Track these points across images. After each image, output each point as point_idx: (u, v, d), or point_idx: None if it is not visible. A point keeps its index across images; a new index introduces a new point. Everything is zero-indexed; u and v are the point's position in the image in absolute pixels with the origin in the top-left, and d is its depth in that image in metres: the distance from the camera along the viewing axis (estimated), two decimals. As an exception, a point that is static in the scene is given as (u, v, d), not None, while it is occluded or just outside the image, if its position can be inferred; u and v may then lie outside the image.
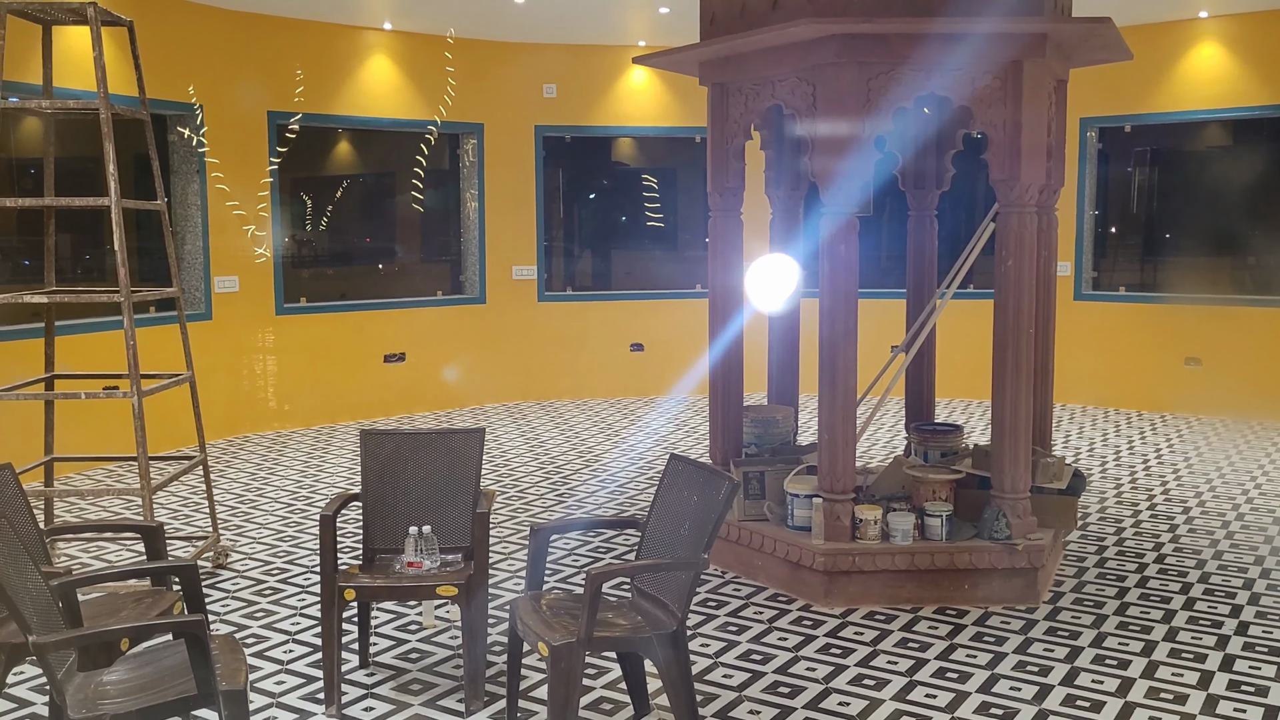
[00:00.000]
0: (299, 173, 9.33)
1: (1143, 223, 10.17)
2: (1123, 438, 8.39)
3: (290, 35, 8.70)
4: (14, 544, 2.84)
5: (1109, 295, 9.70)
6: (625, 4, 8.57)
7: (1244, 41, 8.87)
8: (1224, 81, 8.98)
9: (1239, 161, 9.68)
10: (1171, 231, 10.06)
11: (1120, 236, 10.16)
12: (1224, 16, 8.88)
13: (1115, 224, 10.10)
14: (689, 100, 10.07)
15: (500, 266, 10.04)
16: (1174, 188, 10.03)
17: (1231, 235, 9.66)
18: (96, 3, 4.58)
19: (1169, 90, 9.21)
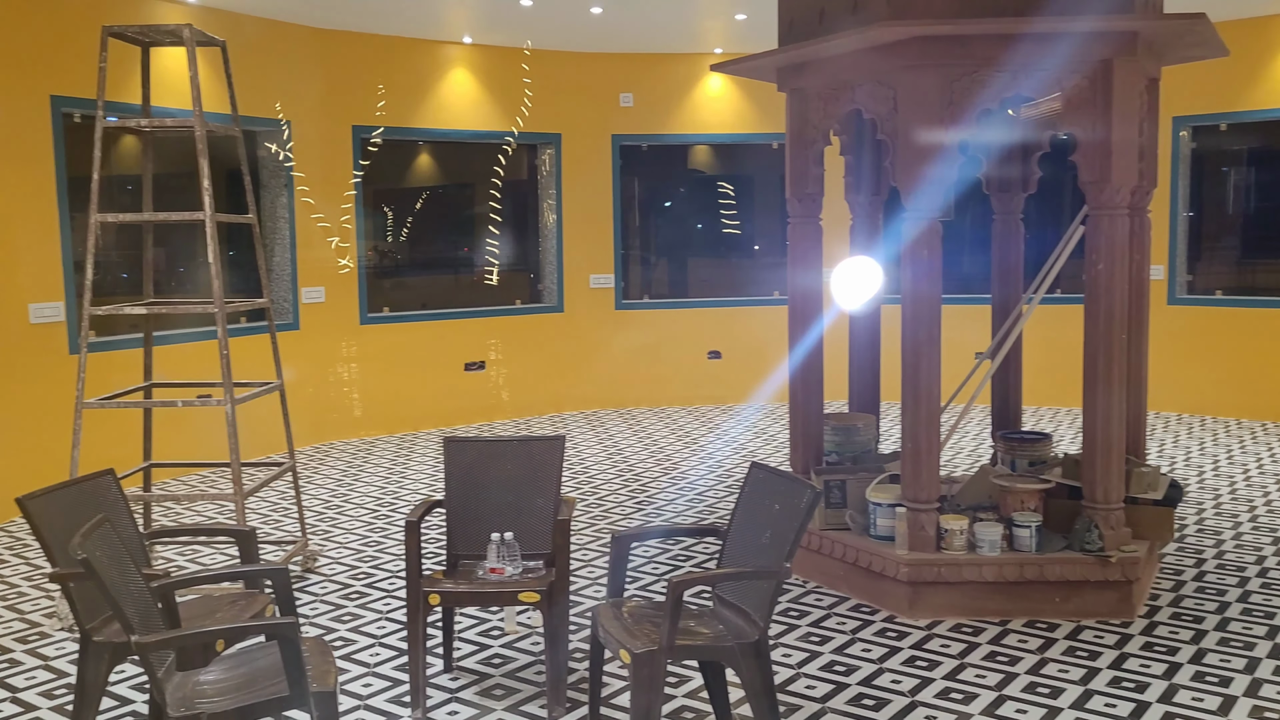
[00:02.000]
0: (380, 185, 9.51)
1: (1239, 224, 9.83)
2: (1221, 447, 8.11)
3: (373, 51, 8.89)
4: (117, 547, 2.94)
5: (1205, 299, 9.40)
6: (702, 12, 8.57)
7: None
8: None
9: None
10: (1269, 233, 9.71)
11: (1216, 238, 9.83)
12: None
13: (1210, 226, 9.78)
14: (766, 107, 10.03)
15: (578, 275, 10.11)
16: (1272, 187, 9.67)
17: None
18: (192, 24, 4.73)
19: (1266, 87, 8.89)
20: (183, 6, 7.58)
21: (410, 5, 8.07)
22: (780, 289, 10.19)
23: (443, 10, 8.41)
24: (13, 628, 4.67)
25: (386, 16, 8.39)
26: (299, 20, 8.37)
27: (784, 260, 6.62)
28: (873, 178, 5.94)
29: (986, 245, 6.23)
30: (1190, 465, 7.53)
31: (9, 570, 5.52)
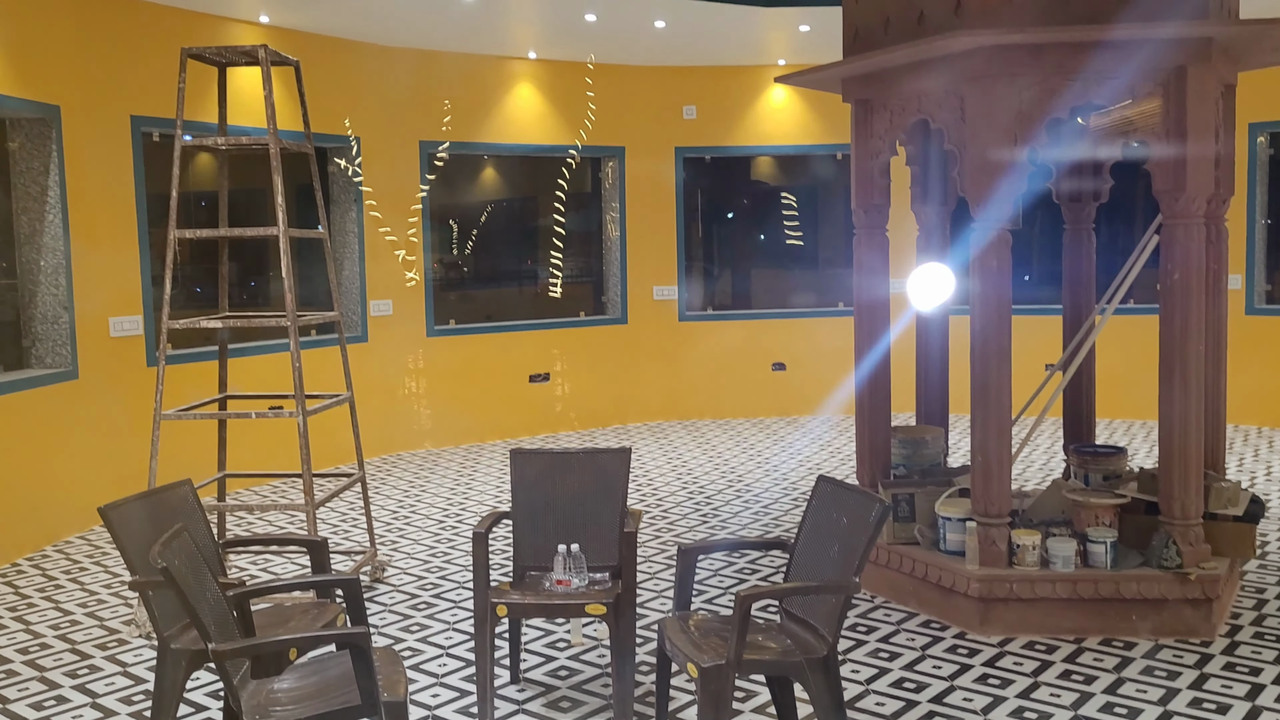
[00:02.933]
0: (446, 198, 9.64)
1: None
2: (1302, 461, 7.86)
3: (440, 67, 9.02)
4: (195, 556, 3.01)
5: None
6: (765, 24, 8.56)
7: None
8: None
9: None
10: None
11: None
12: None
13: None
14: (829, 117, 9.98)
15: (641, 287, 10.14)
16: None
17: None
18: (267, 45, 4.85)
19: (1349, 90, 8.63)
20: (256, 27, 7.77)
21: (477, 23, 8.18)
22: (845, 300, 10.12)
23: (509, 27, 8.52)
24: (93, 634, 4.80)
25: (454, 34, 8.52)
26: (368, 39, 8.53)
27: (848, 271, 6.58)
28: (940, 188, 5.87)
29: (1057, 254, 6.12)
30: (1272, 480, 7.30)
31: (89, 578, 5.68)
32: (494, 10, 7.90)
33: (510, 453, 4.16)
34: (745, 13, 8.19)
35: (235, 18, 7.58)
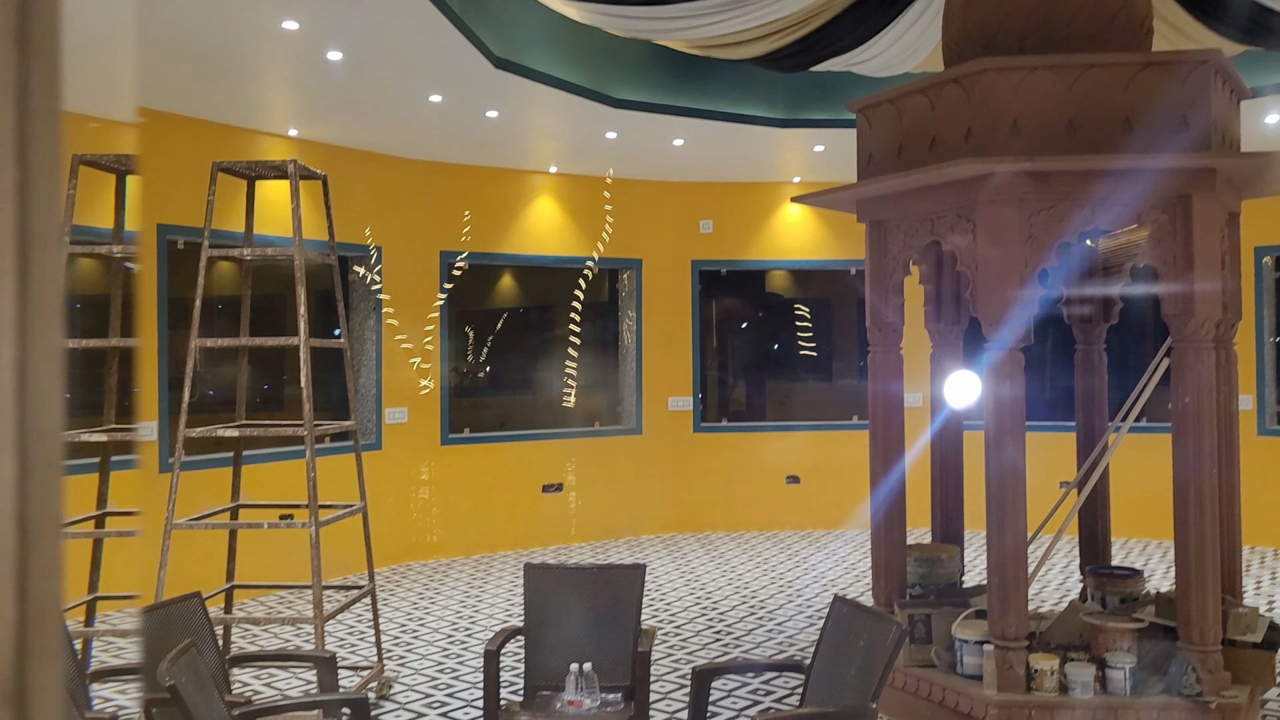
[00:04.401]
0: (463, 306, 9.79)
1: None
2: (1325, 584, 7.73)
3: (462, 180, 9.26)
4: (202, 673, 2.99)
5: (1299, 429, 9.10)
6: (780, 144, 8.80)
7: None
8: None
9: None
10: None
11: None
12: None
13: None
14: (843, 233, 10.16)
15: (657, 397, 10.19)
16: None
17: None
18: (296, 160, 5.01)
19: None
20: (285, 140, 8.02)
21: (501, 139, 8.44)
22: (860, 413, 10.13)
23: (532, 144, 8.78)
24: (95, 746, 4.72)
25: (477, 149, 8.77)
26: (392, 152, 8.78)
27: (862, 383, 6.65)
28: (953, 307, 5.95)
29: (1068, 369, 6.16)
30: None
31: (94, 688, 5.60)
32: (519, 128, 8.16)
33: (524, 567, 4.15)
34: (761, 133, 8.44)
35: (265, 130, 7.84)
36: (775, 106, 8.41)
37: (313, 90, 7.06)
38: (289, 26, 5.62)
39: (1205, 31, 6.41)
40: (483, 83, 6.82)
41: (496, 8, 6.59)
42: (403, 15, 5.56)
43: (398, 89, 7.05)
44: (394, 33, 5.89)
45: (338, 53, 6.13)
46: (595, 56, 7.47)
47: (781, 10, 6.43)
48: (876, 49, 7.07)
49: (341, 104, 7.35)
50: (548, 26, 6.97)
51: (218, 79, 6.61)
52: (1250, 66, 7.29)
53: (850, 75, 7.87)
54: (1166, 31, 6.45)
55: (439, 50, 6.17)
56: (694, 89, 8.05)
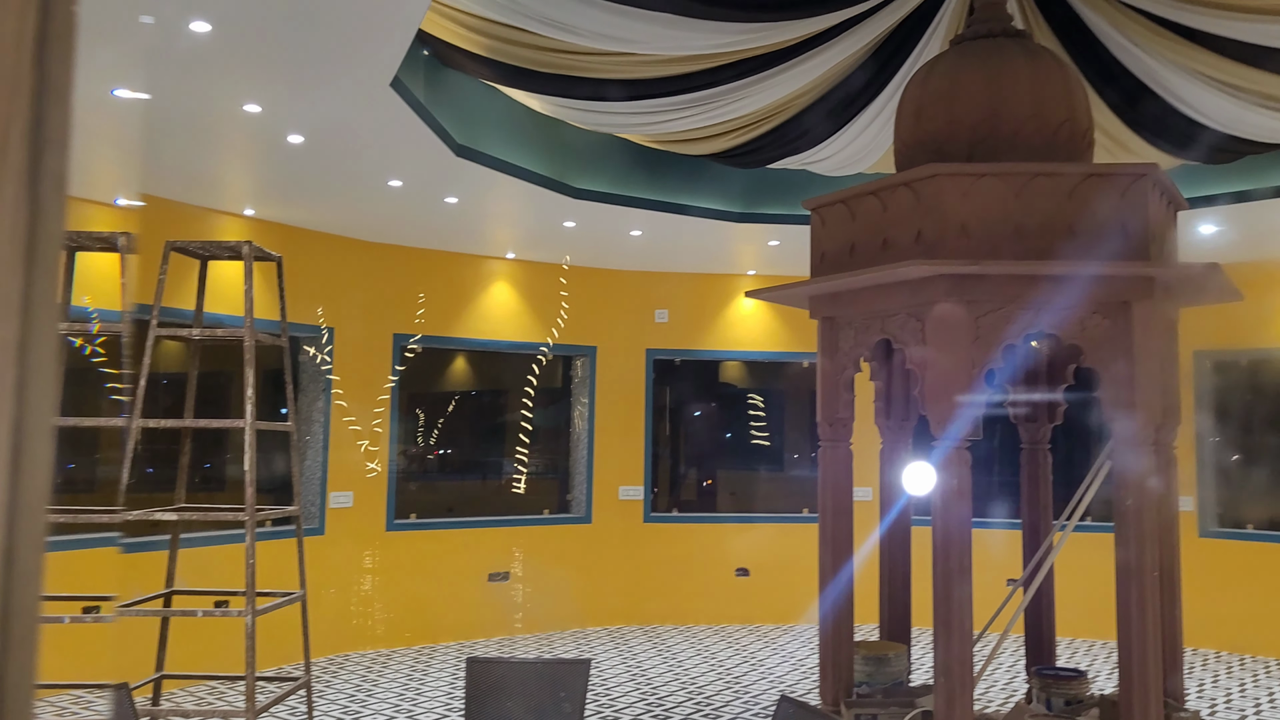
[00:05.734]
0: (414, 389, 9.72)
1: (1266, 457, 9.78)
2: (1262, 688, 7.76)
3: (418, 263, 9.28)
4: (126, 769, 2.86)
5: (1236, 532, 9.24)
6: (737, 237, 8.95)
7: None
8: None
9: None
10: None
11: (1244, 471, 9.76)
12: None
13: (1237, 459, 9.73)
14: (796, 326, 10.29)
15: (607, 485, 10.12)
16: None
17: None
18: (252, 242, 5.00)
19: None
20: (240, 219, 8.00)
21: (460, 225, 8.49)
22: (811, 505, 10.14)
23: (490, 230, 8.84)
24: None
25: (435, 234, 8.82)
26: (349, 234, 8.80)
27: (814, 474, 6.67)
28: (902, 404, 6.02)
29: (1015, 465, 6.23)
30: (1232, 708, 7.19)
31: (8, 779, 5.33)
32: (478, 214, 8.22)
33: (467, 661, 4.05)
34: (718, 226, 8.58)
35: (221, 209, 7.82)
36: (732, 201, 8.57)
37: (272, 172, 7.08)
38: (251, 109, 5.65)
39: (1144, 145, 6.67)
40: (443, 169, 6.89)
41: (460, 96, 6.70)
42: (366, 102, 5.62)
43: (358, 173, 7.09)
44: (356, 118, 5.94)
45: (299, 136, 6.17)
46: (556, 146, 7.59)
47: (740, 109, 6.60)
48: (831, 149, 7.28)
49: (300, 186, 7.37)
50: (510, 116, 7.08)
51: (175, 158, 6.60)
52: (1186, 179, 7.58)
53: (806, 173, 8.08)
54: (1108, 144, 6.71)
55: (401, 137, 6.23)
56: (653, 181, 8.19)
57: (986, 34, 5.10)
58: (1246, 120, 6.07)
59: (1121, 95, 6.05)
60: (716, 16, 5.22)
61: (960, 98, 5.02)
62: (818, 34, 5.71)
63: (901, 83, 6.25)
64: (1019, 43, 5.04)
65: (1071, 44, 5.70)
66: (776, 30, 5.53)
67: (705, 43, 5.49)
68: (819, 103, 6.66)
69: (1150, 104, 6.12)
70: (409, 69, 5.72)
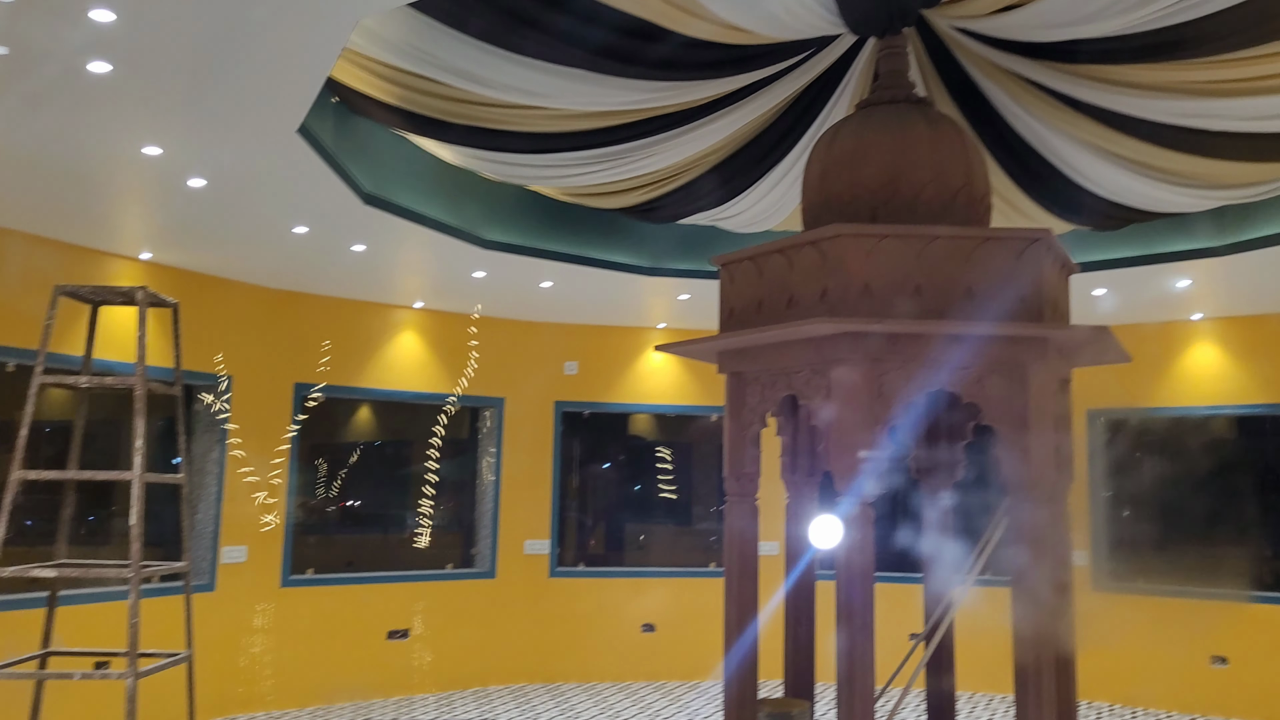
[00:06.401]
0: (316, 439, 9.48)
1: (1156, 513, 10.12)
2: (1157, 740, 7.96)
3: (323, 311, 9.10)
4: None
5: (1128, 587, 9.51)
6: (647, 291, 8.99)
7: (1238, 343, 9.17)
8: (1222, 380, 9.21)
9: (1245, 456, 9.76)
10: (1185, 524, 9.99)
11: (1135, 528, 10.09)
12: (1217, 319, 9.23)
13: (1129, 516, 10.06)
14: (705, 380, 10.35)
15: (513, 540, 9.97)
16: (1183, 479, 10.06)
17: (1245, 529, 9.59)
18: (146, 287, 4.83)
19: (1172, 385, 9.43)
20: (135, 263, 7.75)
21: (367, 273, 8.36)
22: (717, 560, 10.14)
23: (398, 279, 8.73)
24: None
25: (341, 281, 8.67)
26: (251, 280, 8.59)
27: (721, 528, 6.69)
28: (808, 459, 6.06)
29: (919, 520, 6.31)
30: (1130, 760, 7.34)
31: None
32: (385, 263, 8.11)
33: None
34: (629, 279, 8.61)
35: (116, 253, 7.57)
36: (643, 255, 8.63)
37: (171, 216, 6.89)
38: (150, 152, 5.50)
39: (1038, 210, 6.92)
40: (351, 217, 6.80)
41: (370, 144, 6.63)
42: (271, 147, 5.52)
43: (261, 218, 6.94)
44: (261, 163, 5.83)
45: (200, 180, 6.02)
46: (467, 197, 7.55)
47: (651, 165, 6.66)
48: (740, 206, 7.38)
49: (200, 230, 7.18)
50: (421, 165, 7.03)
51: (68, 198, 6.38)
52: (1078, 244, 7.90)
53: (716, 229, 8.18)
54: (1005, 208, 6.95)
55: (307, 183, 6.13)
56: (564, 233, 8.20)
57: (890, 100, 5.25)
58: (1132, 189, 6.35)
59: (1017, 162, 6.28)
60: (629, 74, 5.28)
61: (864, 161, 5.14)
62: (729, 94, 5.82)
63: (809, 144, 6.39)
64: (921, 110, 5.20)
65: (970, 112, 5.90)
66: (688, 89, 5.61)
67: (617, 99, 5.54)
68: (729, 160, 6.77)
69: (1043, 171, 6.36)
70: (317, 115, 5.65)
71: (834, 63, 5.64)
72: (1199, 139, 5.63)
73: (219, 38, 4.22)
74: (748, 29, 4.87)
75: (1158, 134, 5.64)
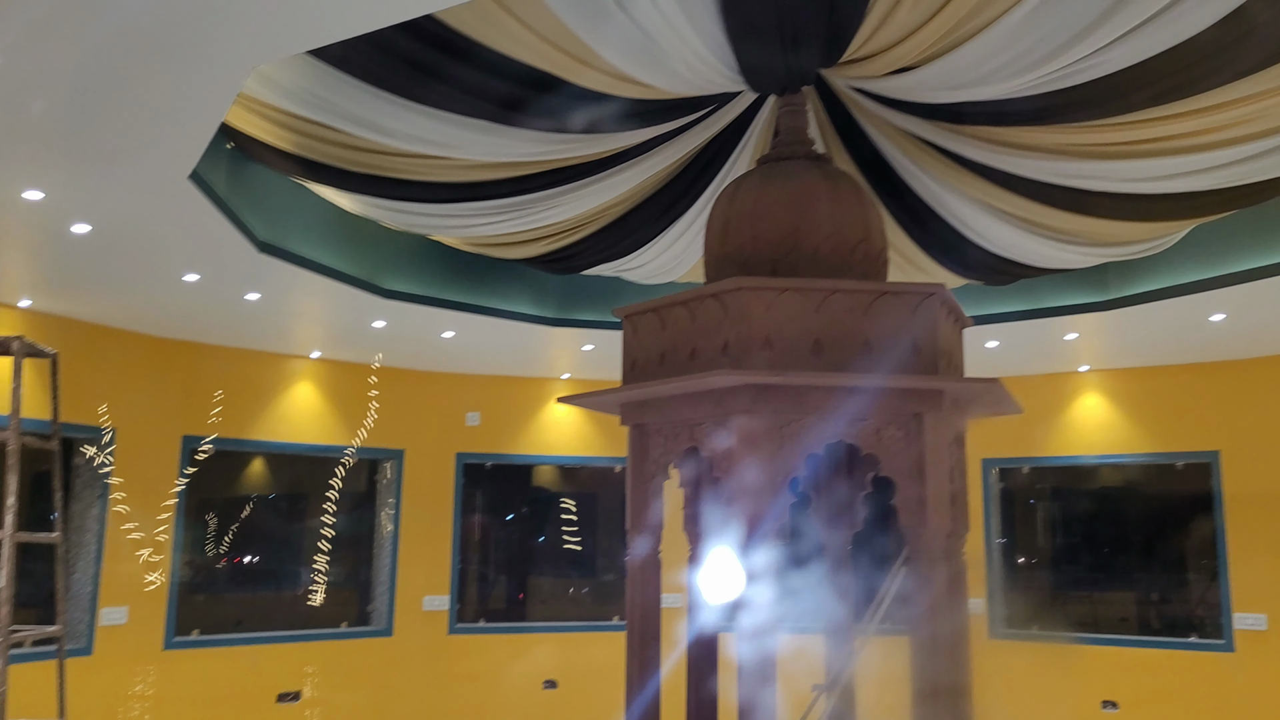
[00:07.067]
0: (206, 493, 9.14)
1: (1050, 561, 10.40)
2: (1053, 785, 8.08)
3: (214, 361, 8.82)
4: None
5: (1022, 634, 9.71)
6: (551, 341, 8.94)
7: (1123, 394, 9.54)
8: (1108, 430, 9.55)
9: (1131, 504, 10.12)
10: (1077, 570, 10.29)
11: (1029, 575, 10.34)
12: (1102, 371, 9.59)
13: (1023, 563, 10.31)
14: (609, 431, 10.31)
15: (411, 596, 9.72)
16: (1074, 527, 10.37)
17: (1132, 575, 9.91)
18: (23, 337, 4.61)
19: (1061, 435, 9.74)
20: (14, 311, 7.41)
21: (261, 323, 8.14)
22: (620, 613, 10.03)
23: (294, 329, 8.52)
24: None
25: (234, 331, 8.42)
26: (139, 329, 8.29)
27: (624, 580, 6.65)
28: (710, 511, 6.06)
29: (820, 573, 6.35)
30: (1027, 806, 7.43)
31: None
32: (281, 312, 7.91)
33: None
34: (532, 330, 8.56)
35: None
36: (546, 305, 8.59)
37: (52, 263, 6.61)
38: (31, 196, 5.28)
39: (933, 264, 7.12)
40: (245, 265, 6.62)
41: (266, 191, 6.49)
42: (161, 193, 5.35)
43: (150, 266, 6.71)
44: (151, 211, 5.65)
45: (85, 225, 5.79)
46: (367, 245, 7.43)
47: (554, 217, 6.66)
48: (644, 258, 7.42)
49: (85, 277, 6.91)
50: (320, 213, 6.90)
51: (-58, 241, 6.09)
52: (971, 298, 8.14)
53: (620, 280, 8.20)
54: (901, 262, 7.12)
55: (199, 231, 5.96)
56: (466, 283, 8.12)
57: (790, 156, 5.35)
58: (1020, 245, 6.58)
59: (912, 218, 6.46)
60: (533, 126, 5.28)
61: (765, 215, 5.22)
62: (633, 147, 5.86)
63: (712, 197, 6.47)
64: (820, 166, 5.31)
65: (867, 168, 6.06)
66: (592, 142, 5.64)
67: (520, 151, 5.53)
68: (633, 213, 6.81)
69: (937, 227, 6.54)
70: (211, 161, 5.51)
71: (736, 118, 5.74)
72: (1082, 198, 5.87)
73: (106, 80, 4.08)
74: (651, 84, 4.92)
75: (1043, 193, 5.86)
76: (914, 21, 4.47)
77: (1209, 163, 5.29)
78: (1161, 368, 9.32)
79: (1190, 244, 6.97)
